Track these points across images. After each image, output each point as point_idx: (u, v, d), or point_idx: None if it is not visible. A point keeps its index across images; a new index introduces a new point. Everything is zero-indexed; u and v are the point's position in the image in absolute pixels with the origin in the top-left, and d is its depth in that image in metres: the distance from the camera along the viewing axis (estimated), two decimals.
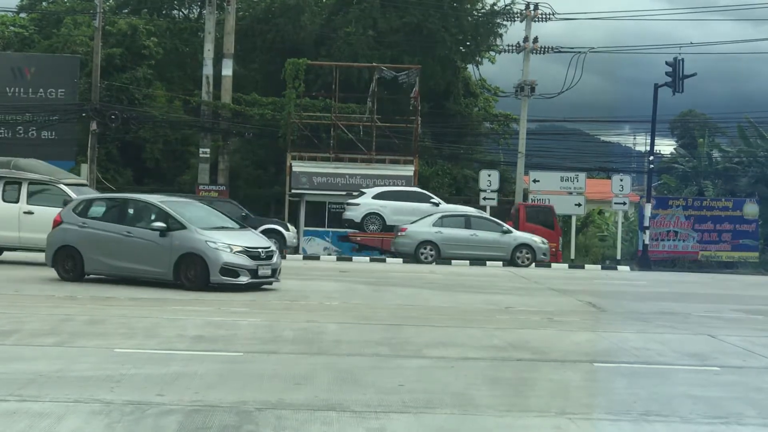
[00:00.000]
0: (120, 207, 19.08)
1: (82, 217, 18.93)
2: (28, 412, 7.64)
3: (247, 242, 18.13)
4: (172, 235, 17.73)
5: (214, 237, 17.73)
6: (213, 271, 17.45)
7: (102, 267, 18.59)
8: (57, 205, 22.03)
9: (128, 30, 40.32)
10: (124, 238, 18.17)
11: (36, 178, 23.49)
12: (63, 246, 18.81)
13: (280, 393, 8.59)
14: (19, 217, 23.02)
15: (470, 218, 31.04)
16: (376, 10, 40.81)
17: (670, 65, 37.03)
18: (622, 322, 15.26)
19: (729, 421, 8.13)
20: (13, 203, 23.16)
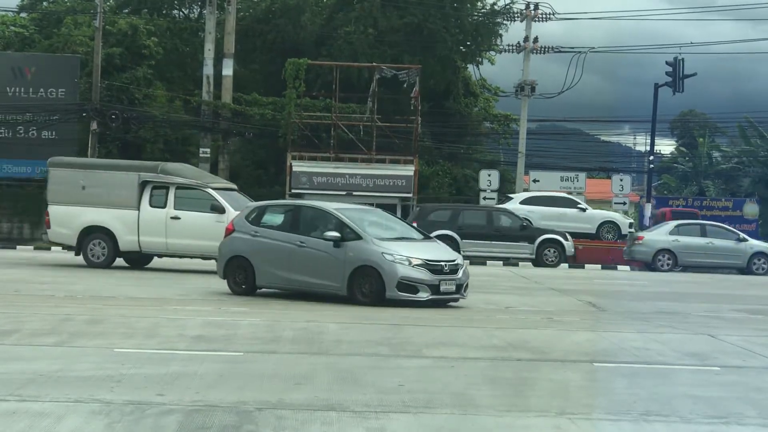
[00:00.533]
0: (293, 214, 17.62)
1: (254, 226, 17.44)
2: (28, 412, 7.64)
3: (429, 254, 16.43)
4: (346, 245, 16.26)
5: (392, 248, 16.19)
6: (389, 286, 15.93)
7: (275, 280, 17.09)
8: (204, 210, 21.99)
9: (128, 30, 40.31)
10: (296, 249, 16.70)
11: (183, 183, 22.62)
12: (234, 256, 17.38)
13: (280, 393, 8.59)
14: (166, 223, 22.23)
15: (706, 227, 31.89)
16: (377, 9, 40.82)
17: (670, 65, 37.08)
18: (622, 322, 15.26)
19: (729, 421, 8.13)
20: (160, 208, 22.36)
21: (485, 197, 36.82)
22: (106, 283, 18.98)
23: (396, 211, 35.71)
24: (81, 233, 22.68)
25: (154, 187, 22.56)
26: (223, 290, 17.66)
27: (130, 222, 22.38)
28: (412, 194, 35.57)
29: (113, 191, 22.65)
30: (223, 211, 21.84)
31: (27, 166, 37.37)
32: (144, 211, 22.43)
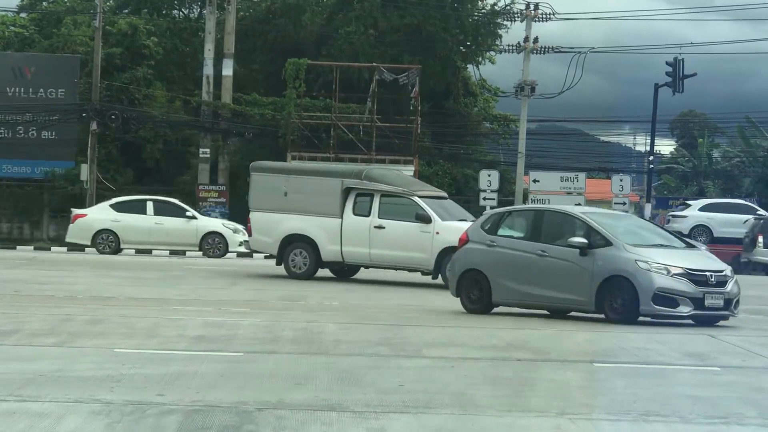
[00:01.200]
0: (535, 221, 15.82)
1: (491, 235, 15.74)
2: (28, 412, 7.64)
3: (691, 263, 14.62)
4: (594, 253, 14.53)
5: (647, 255, 14.39)
6: (643, 299, 14.12)
7: (512, 295, 15.38)
8: (409, 220, 20.56)
9: (128, 30, 40.30)
10: (537, 259, 15.02)
11: (388, 190, 21.03)
12: (468, 270, 15.69)
13: (280, 393, 8.59)
14: (369, 232, 20.73)
15: None
16: (377, 9, 40.80)
17: (670, 65, 37.07)
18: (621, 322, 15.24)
19: (729, 421, 8.12)
20: (364, 217, 20.83)
21: (485, 197, 36.80)
22: (106, 283, 18.98)
23: None
24: (282, 242, 21.33)
25: (358, 194, 21.08)
26: (223, 290, 17.66)
27: (332, 231, 20.96)
28: None
29: (316, 198, 21.25)
30: (429, 221, 20.36)
31: (27, 166, 37.38)
32: (347, 220, 20.96)
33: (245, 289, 18.72)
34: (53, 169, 37.26)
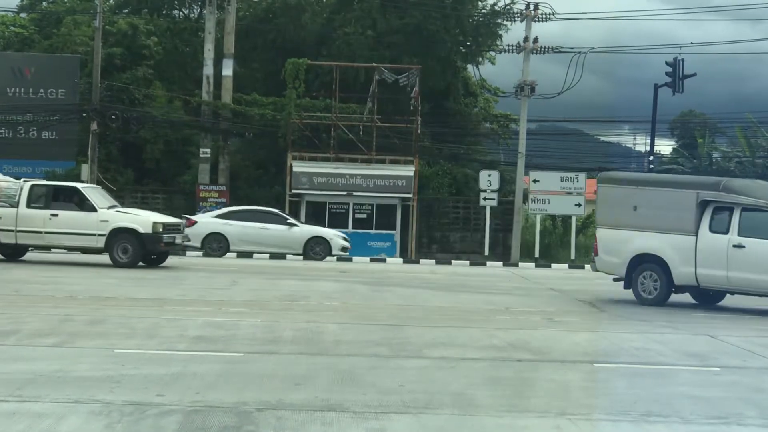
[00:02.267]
0: None
1: None
2: (28, 412, 7.64)
3: None
4: None
5: None
6: None
7: None
8: None
9: (128, 30, 40.30)
10: None
11: (751, 203, 18.41)
12: None
13: (280, 393, 8.59)
14: (727, 253, 18.20)
15: None
16: (377, 10, 40.79)
17: (670, 65, 37.04)
18: (622, 322, 15.26)
19: (729, 421, 8.13)
20: (722, 234, 18.35)
21: (485, 197, 36.80)
22: (106, 283, 18.98)
23: (396, 212, 35.78)
24: (630, 263, 19.27)
25: (715, 209, 18.63)
26: (223, 290, 17.64)
27: (686, 250, 18.59)
28: (412, 194, 35.57)
29: (668, 212, 19.02)
30: None
31: (27, 166, 37.34)
32: (703, 238, 18.55)
33: (245, 290, 18.71)
34: (53, 170, 37.23)
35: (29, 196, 23.53)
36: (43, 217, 23.32)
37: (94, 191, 24.41)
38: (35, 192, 23.62)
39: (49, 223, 23.31)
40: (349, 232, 33.98)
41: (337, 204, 35.31)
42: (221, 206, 35.61)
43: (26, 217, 23.33)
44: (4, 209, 23.45)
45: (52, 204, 23.52)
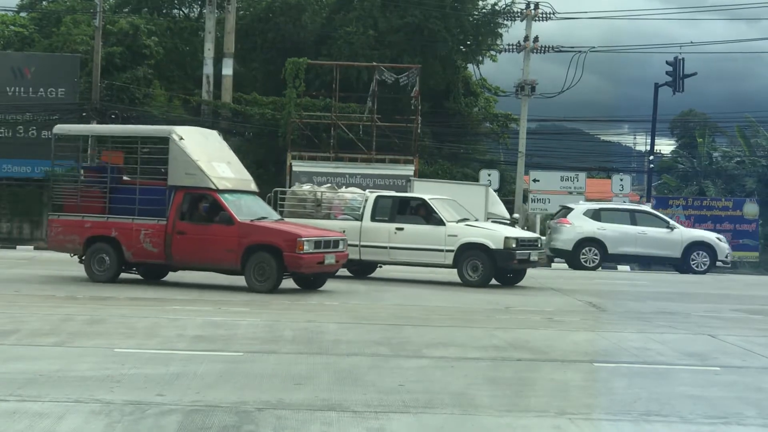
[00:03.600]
0: None
1: None
2: (28, 412, 7.64)
3: None
4: None
5: None
6: None
7: None
8: None
9: (129, 29, 40.31)
10: None
11: None
12: None
13: (280, 393, 8.59)
14: None
15: None
16: (377, 9, 40.81)
17: (670, 65, 37.05)
18: (622, 322, 15.26)
19: (729, 421, 8.13)
20: None
21: None
22: (105, 283, 18.96)
23: None
24: None
25: None
26: (223, 290, 17.63)
27: None
28: None
29: None
30: None
31: (27, 166, 37.35)
32: None
33: (245, 289, 18.71)
34: (53, 170, 37.21)
35: (374, 208, 21.69)
36: (387, 230, 21.35)
37: (443, 203, 22.15)
38: (380, 204, 21.77)
39: (394, 238, 21.34)
40: None
41: None
42: None
43: (370, 231, 21.37)
44: (348, 222, 21.61)
45: (397, 217, 21.62)
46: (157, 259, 18.58)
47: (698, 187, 47.63)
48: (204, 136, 20.03)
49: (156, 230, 18.36)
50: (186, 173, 18.45)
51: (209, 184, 18.37)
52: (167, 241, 18.27)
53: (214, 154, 19.26)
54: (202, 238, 18.12)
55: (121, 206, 18.92)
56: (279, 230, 18.02)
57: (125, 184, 19.48)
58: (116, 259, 18.81)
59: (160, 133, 19.80)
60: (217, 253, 18.01)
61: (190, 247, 18.17)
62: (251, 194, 19.57)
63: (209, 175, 18.43)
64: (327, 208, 22.28)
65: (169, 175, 18.59)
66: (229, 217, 17.99)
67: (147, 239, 18.44)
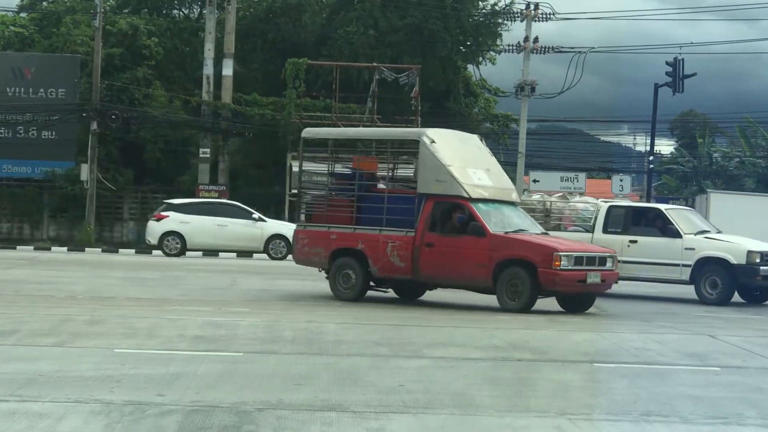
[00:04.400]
0: None
1: None
2: (28, 412, 7.64)
3: None
4: None
5: None
6: None
7: None
8: None
9: (129, 30, 40.30)
10: None
11: None
12: None
13: (280, 393, 8.59)
14: None
15: None
16: (377, 9, 40.79)
17: (670, 65, 37.05)
18: (622, 322, 15.26)
19: (729, 421, 8.12)
20: None
21: None
22: (106, 283, 18.98)
23: None
24: None
25: None
26: (223, 290, 17.62)
27: None
28: None
29: None
30: None
31: (27, 166, 37.37)
32: None
33: (245, 289, 18.71)
34: (53, 169, 37.23)
35: (606, 218, 20.27)
36: (620, 243, 19.62)
37: (681, 213, 20.79)
38: (613, 214, 20.35)
39: (627, 251, 19.65)
40: None
41: None
42: None
43: (602, 243, 19.16)
44: (579, 234, 19.99)
45: (630, 228, 20.14)
46: (403, 274, 16.83)
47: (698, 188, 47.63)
48: (461, 140, 18.20)
49: (403, 242, 16.63)
50: (436, 180, 16.69)
51: (461, 191, 16.56)
52: (415, 254, 16.56)
53: (470, 160, 17.43)
54: (451, 251, 16.39)
55: (368, 216, 17.29)
56: (533, 243, 16.31)
57: (375, 192, 17.80)
58: (362, 275, 17.08)
59: (410, 135, 18.42)
60: (466, 267, 16.33)
61: (438, 260, 16.45)
62: (511, 205, 17.72)
63: (461, 182, 16.62)
64: (557, 219, 20.81)
65: (418, 182, 17.00)
66: (481, 228, 16.22)
67: (394, 252, 16.70)
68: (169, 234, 29.87)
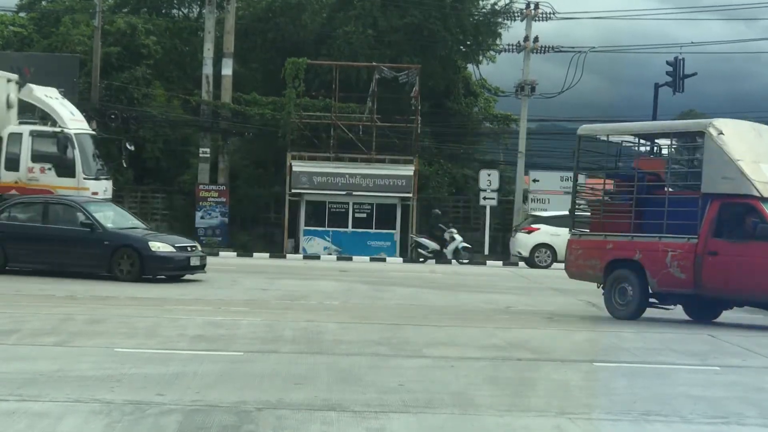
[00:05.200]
0: None
1: None
2: (28, 411, 7.64)
3: None
4: None
5: None
6: None
7: None
8: None
9: (127, 29, 40.27)
10: None
11: None
12: None
13: (280, 393, 8.59)
14: None
15: None
16: (377, 9, 40.77)
17: (671, 65, 37.01)
18: (622, 322, 15.25)
19: (729, 421, 8.12)
20: None
21: (485, 197, 36.82)
22: (106, 283, 18.96)
23: (396, 211, 35.74)
24: None
25: None
26: (223, 290, 17.61)
27: None
28: (412, 194, 35.56)
29: None
30: None
31: None
32: None
33: (245, 289, 18.71)
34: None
35: None
36: None
37: None
38: None
39: None
40: (349, 231, 34.04)
41: (337, 203, 35.27)
42: (221, 206, 35.66)
43: None
44: None
45: None
46: (684, 287, 14.96)
47: None
48: (757, 132, 15.88)
49: (684, 251, 14.81)
50: (723, 177, 14.75)
51: (751, 190, 14.55)
52: (696, 264, 14.71)
53: (764, 154, 15.33)
54: (738, 260, 14.45)
55: (647, 222, 15.51)
56: None
57: (655, 194, 15.84)
58: (639, 289, 15.36)
59: (695, 127, 16.21)
60: (759, 280, 14.33)
61: (722, 272, 14.54)
62: None
63: (752, 179, 14.60)
64: None
65: (702, 180, 15.00)
66: None
67: (674, 262, 14.89)
68: (540, 246, 31.20)
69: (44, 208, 20.45)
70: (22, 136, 24.51)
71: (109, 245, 19.48)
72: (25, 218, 20.58)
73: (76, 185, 23.92)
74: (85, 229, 19.61)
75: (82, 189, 23.80)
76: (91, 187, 24.25)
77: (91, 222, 19.66)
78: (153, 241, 19.65)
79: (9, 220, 20.33)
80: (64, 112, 25.38)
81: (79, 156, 24.24)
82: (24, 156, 24.22)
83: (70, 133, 24.39)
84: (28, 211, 20.81)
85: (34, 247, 19.86)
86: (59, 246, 19.68)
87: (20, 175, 24.09)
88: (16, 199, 21.68)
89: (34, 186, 23.78)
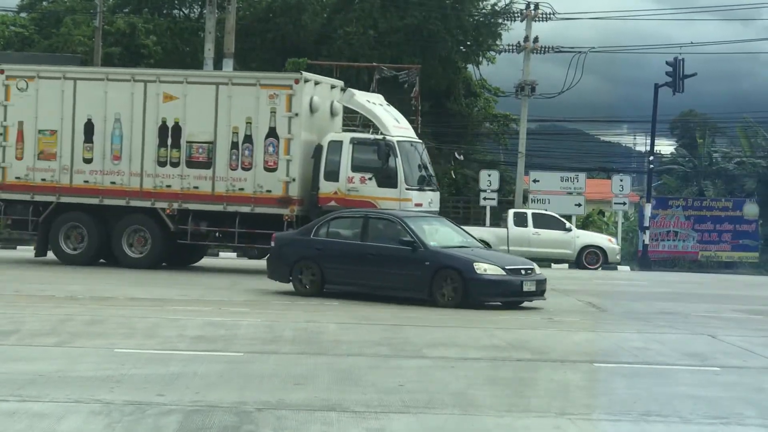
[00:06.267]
0: None
1: None
2: (28, 412, 7.64)
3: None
4: None
5: None
6: None
7: None
8: None
9: (127, 29, 40.26)
10: None
11: None
12: None
13: (280, 393, 8.59)
14: None
15: None
16: (377, 9, 40.79)
17: (671, 65, 37.01)
18: (622, 322, 15.26)
19: (729, 421, 8.13)
20: None
21: (485, 197, 36.80)
22: (106, 283, 18.97)
23: None
24: None
25: None
26: (223, 290, 17.61)
27: None
28: None
29: None
30: None
31: None
32: None
33: (245, 289, 18.71)
34: None
35: None
36: None
37: None
38: None
39: None
40: None
41: None
42: None
43: None
44: None
45: None
46: None
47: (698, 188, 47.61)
48: None
49: None
50: None
51: None
52: None
53: None
54: None
55: None
56: None
57: None
58: None
59: None
60: None
61: None
62: None
63: None
64: None
65: None
66: None
67: None
68: None
69: (364, 222, 18.05)
70: (343, 144, 22.40)
71: (429, 266, 16.78)
72: (345, 234, 18.32)
73: (397, 196, 22.02)
74: (406, 248, 17.02)
75: (404, 200, 22.00)
76: (414, 198, 22.35)
77: (412, 240, 17.06)
78: (478, 263, 16.73)
79: (328, 236, 18.03)
80: (388, 119, 23.17)
81: (401, 165, 22.15)
82: (344, 165, 22.12)
83: (393, 141, 22.22)
84: (347, 226, 18.58)
85: (352, 267, 17.50)
86: (377, 266, 17.32)
87: (340, 186, 22.08)
88: (335, 214, 19.34)
89: (354, 197, 21.96)
